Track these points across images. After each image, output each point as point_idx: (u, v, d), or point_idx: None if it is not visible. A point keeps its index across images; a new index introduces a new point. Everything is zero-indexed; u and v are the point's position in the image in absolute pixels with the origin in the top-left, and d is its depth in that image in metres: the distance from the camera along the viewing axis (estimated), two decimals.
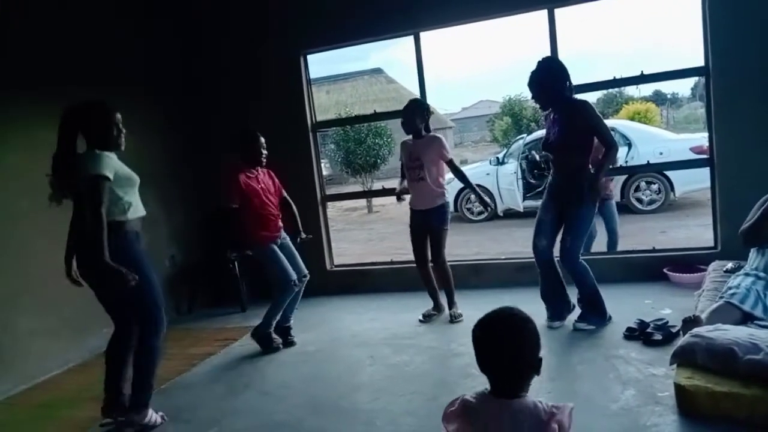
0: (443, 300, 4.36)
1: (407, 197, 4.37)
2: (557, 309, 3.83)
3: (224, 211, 3.89)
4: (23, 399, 3.60)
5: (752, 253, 3.25)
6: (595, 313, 3.70)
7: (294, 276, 3.94)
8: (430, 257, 4.30)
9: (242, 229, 3.91)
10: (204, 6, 5.46)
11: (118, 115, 2.87)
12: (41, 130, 3.83)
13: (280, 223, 4.04)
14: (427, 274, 4.36)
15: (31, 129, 3.87)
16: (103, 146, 2.80)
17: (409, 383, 3.21)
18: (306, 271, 4.11)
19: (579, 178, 3.63)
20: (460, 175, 4.39)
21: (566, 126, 3.60)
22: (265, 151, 3.95)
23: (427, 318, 4.28)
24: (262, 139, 3.94)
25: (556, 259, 3.84)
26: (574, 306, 3.85)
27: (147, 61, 5.07)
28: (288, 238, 4.09)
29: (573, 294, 3.84)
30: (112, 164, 2.75)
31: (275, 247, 3.95)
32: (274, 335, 4.01)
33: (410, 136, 4.23)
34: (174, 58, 5.42)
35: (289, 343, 4.08)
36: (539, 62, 3.68)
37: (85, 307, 3.19)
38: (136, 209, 2.85)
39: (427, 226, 4.20)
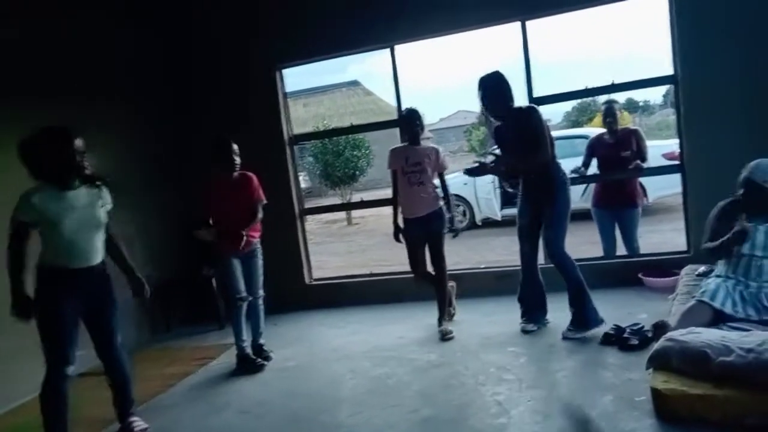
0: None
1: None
2: (534, 313, 3.91)
3: (200, 226, 3.85)
4: None
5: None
6: (584, 320, 3.66)
7: (241, 293, 3.90)
8: (429, 266, 4.22)
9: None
10: (181, 21, 5.44)
11: (78, 142, 2.74)
12: (14, 146, 3.77)
13: (249, 236, 3.86)
14: (424, 276, 4.26)
15: (2, 144, 3.79)
16: (57, 176, 2.71)
17: (391, 396, 3.20)
18: (257, 293, 4.00)
19: (548, 176, 3.71)
20: (445, 188, 4.28)
21: (519, 131, 3.69)
22: (237, 158, 3.86)
23: (448, 335, 4.04)
24: (235, 146, 3.86)
25: (540, 267, 3.94)
26: (548, 321, 3.92)
27: (125, 75, 5.01)
28: (259, 254, 3.99)
29: (557, 302, 3.89)
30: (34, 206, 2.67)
31: (233, 260, 3.89)
32: (251, 356, 3.96)
33: (398, 143, 4.19)
34: (152, 73, 5.37)
35: (263, 359, 3.99)
36: (487, 78, 3.78)
37: None
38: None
39: (428, 231, 4.12)
